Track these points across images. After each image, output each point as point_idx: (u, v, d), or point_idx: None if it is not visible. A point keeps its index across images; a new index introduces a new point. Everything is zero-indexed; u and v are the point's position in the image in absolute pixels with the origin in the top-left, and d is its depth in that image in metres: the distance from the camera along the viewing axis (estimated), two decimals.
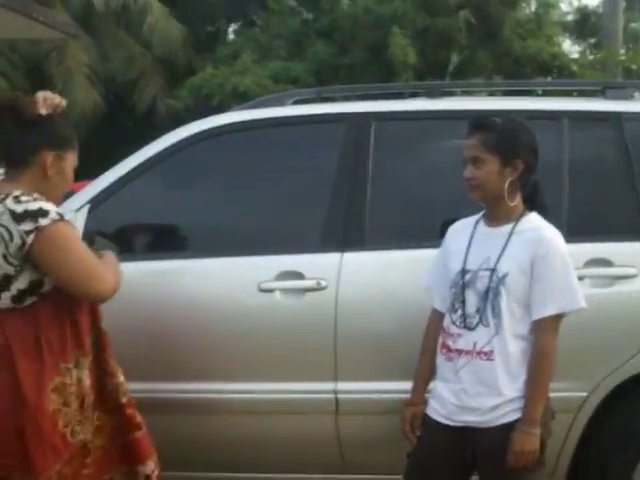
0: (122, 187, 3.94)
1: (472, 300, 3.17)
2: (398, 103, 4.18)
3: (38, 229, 2.85)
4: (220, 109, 4.26)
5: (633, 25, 20.79)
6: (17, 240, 2.85)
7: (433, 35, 16.38)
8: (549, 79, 15.81)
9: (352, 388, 3.72)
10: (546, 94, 4.79)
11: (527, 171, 3.23)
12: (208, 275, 3.81)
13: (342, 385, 3.72)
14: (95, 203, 3.86)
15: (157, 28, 19.77)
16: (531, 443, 3.07)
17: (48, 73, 20.00)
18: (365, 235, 3.79)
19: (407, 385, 3.42)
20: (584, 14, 22.13)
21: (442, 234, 3.44)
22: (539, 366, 3.11)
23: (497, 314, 3.12)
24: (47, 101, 3.04)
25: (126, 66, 20.32)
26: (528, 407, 3.09)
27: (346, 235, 3.79)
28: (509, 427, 3.11)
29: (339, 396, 3.72)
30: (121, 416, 3.16)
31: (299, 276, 3.72)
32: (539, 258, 3.11)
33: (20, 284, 2.91)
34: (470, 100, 4.49)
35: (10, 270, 2.90)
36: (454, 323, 3.20)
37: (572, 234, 3.70)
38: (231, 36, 22.94)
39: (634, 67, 14.60)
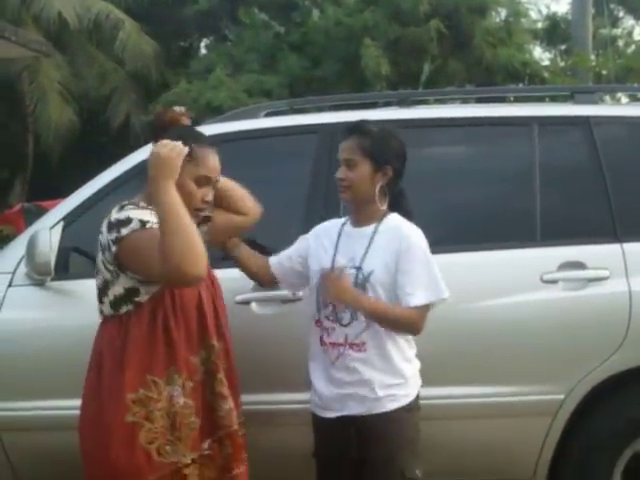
0: (96, 203, 3.93)
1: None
2: (369, 112, 4.20)
3: (118, 238, 2.92)
4: (194, 124, 4.25)
5: (602, 31, 20.94)
6: (109, 248, 2.95)
7: (405, 45, 16.44)
8: (520, 86, 15.88)
9: None
10: (518, 101, 4.83)
11: (395, 177, 3.36)
12: None
13: None
14: (69, 220, 3.86)
15: (129, 44, 19.77)
16: (350, 296, 3.18)
17: (21, 92, 19.96)
18: None
19: None
20: (553, 21, 22.34)
21: None
22: (401, 313, 3.20)
23: None
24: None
25: (99, 82, 20.30)
26: (370, 302, 3.19)
27: None
28: (386, 416, 3.20)
29: None
30: (232, 446, 3.15)
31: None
32: (402, 253, 3.21)
33: (116, 290, 3.01)
34: (442, 108, 4.53)
35: (108, 276, 3.01)
36: (327, 318, 3.30)
37: (545, 238, 3.77)
38: (203, 51, 22.97)
39: (604, 72, 14.72)
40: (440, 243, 3.69)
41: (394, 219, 3.33)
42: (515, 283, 3.72)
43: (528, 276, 3.71)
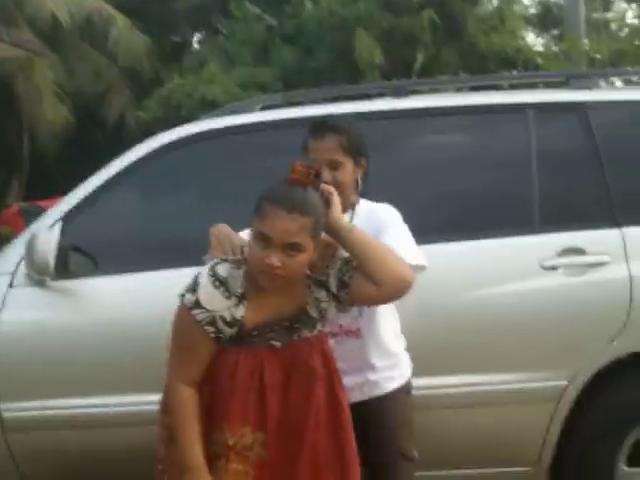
0: (94, 202, 3.93)
1: None
2: (364, 104, 4.20)
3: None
4: (189, 119, 4.26)
5: (595, 15, 20.89)
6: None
7: (398, 35, 16.40)
8: (515, 73, 15.85)
9: None
10: (513, 88, 4.82)
11: (367, 168, 3.30)
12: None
13: None
14: (68, 219, 3.86)
15: (122, 40, 19.78)
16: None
17: (16, 92, 19.95)
18: None
19: None
20: (546, 6, 22.27)
21: None
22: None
23: None
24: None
25: (93, 80, 20.31)
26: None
27: None
28: (385, 397, 3.21)
29: None
30: None
31: None
32: (383, 229, 3.11)
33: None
34: (437, 97, 4.52)
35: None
36: None
37: (544, 224, 3.77)
38: (196, 45, 22.95)
39: (598, 57, 14.68)
40: (439, 232, 3.71)
41: (365, 203, 3.28)
42: (515, 270, 3.71)
43: (527, 263, 3.71)
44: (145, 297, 3.80)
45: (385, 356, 3.24)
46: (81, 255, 3.86)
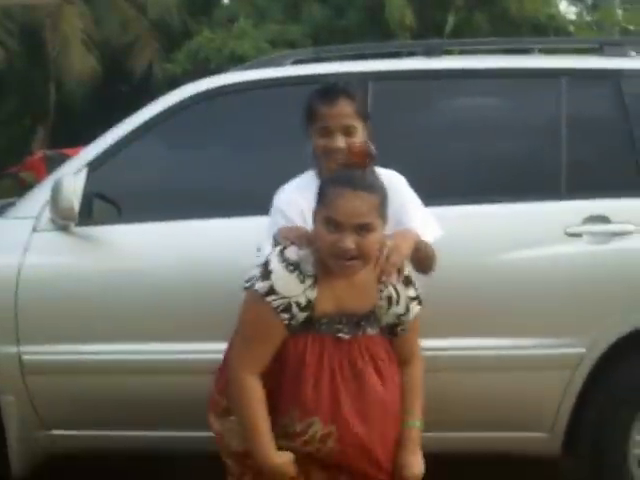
0: (120, 150, 3.93)
1: None
2: (397, 62, 4.18)
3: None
4: (218, 73, 4.25)
5: None
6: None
7: None
8: (548, 38, 15.71)
9: None
10: (545, 53, 4.78)
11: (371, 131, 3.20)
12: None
13: None
14: (94, 166, 3.86)
15: None
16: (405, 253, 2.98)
17: (44, 39, 19.94)
18: None
19: None
20: None
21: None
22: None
23: None
24: None
25: (121, 30, 20.26)
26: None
27: None
28: None
29: None
30: None
31: None
32: (400, 206, 3.05)
33: None
34: (469, 59, 4.48)
35: None
36: None
37: (571, 191, 3.75)
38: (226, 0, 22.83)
39: (631, 27, 14.54)
40: (467, 194, 3.71)
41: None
42: (539, 236, 3.69)
43: (552, 229, 3.69)
44: (166, 247, 3.82)
45: None
46: (105, 202, 3.87)
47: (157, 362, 3.74)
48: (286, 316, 2.76)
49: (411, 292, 2.92)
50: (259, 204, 3.69)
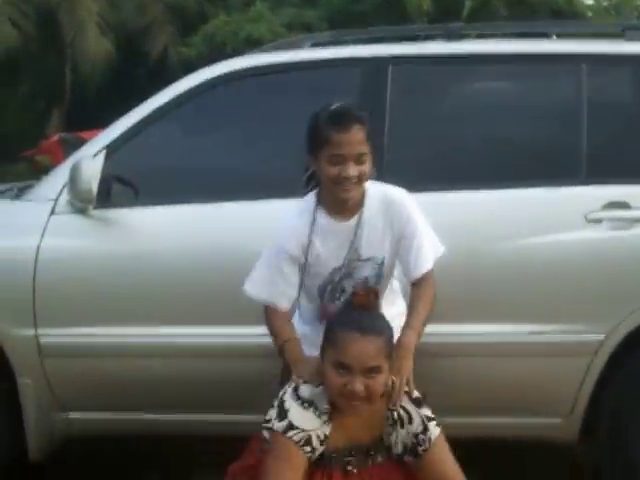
0: (138, 133, 3.93)
1: (350, 287, 3.18)
2: (416, 45, 4.15)
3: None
4: (234, 56, 4.24)
5: None
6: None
7: None
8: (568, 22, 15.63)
9: None
10: (565, 38, 4.74)
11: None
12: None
13: None
14: (112, 148, 3.86)
15: None
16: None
17: (59, 22, 19.95)
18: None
19: None
20: None
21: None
22: (428, 299, 3.13)
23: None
24: None
25: (137, 14, 20.24)
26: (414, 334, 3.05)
27: None
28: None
29: None
30: None
31: None
32: (403, 224, 3.12)
33: None
34: (489, 43, 4.44)
35: None
36: (331, 299, 3.22)
37: (591, 177, 3.72)
38: None
39: None
40: (487, 179, 3.69)
41: (375, 189, 3.17)
42: (559, 221, 3.67)
43: (572, 214, 3.66)
44: (183, 230, 3.82)
45: (395, 315, 3.19)
46: (122, 185, 3.87)
47: (174, 345, 3.74)
48: (308, 449, 2.83)
49: (427, 412, 2.97)
50: (275, 188, 3.70)
